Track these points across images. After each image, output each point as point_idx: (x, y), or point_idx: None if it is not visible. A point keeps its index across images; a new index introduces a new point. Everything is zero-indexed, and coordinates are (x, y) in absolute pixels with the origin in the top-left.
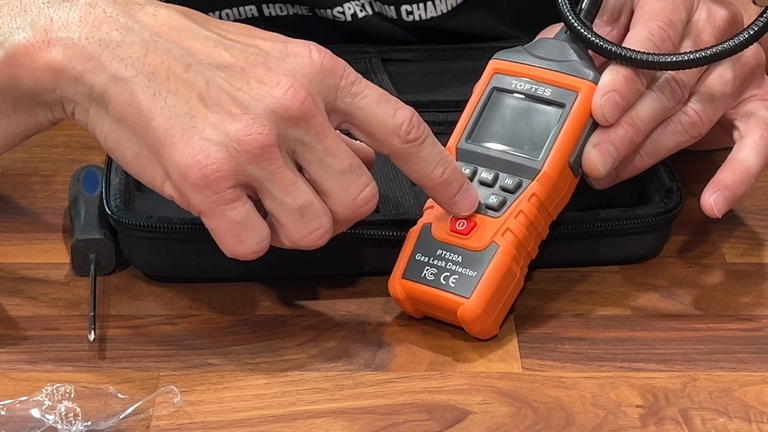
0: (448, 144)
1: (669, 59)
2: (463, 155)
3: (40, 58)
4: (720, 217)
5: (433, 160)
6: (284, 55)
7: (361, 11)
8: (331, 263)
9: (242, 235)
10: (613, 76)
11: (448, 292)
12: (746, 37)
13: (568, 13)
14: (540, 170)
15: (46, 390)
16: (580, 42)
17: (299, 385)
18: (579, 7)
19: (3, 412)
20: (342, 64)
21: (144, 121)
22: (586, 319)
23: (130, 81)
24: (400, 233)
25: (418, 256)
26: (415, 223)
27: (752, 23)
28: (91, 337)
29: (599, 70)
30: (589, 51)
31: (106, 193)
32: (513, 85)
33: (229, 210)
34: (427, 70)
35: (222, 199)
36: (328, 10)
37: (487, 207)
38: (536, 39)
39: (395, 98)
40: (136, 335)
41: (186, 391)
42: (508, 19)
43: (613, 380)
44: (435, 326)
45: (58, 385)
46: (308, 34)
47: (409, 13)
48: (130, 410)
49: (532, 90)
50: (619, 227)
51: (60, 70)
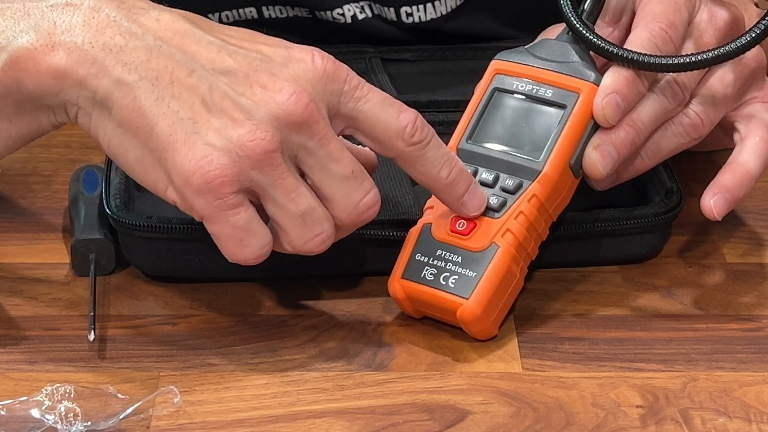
0: (449, 144)
1: (670, 61)
2: (463, 156)
3: (44, 62)
4: (720, 220)
5: (438, 162)
6: (287, 61)
7: (361, 13)
8: (331, 263)
9: (244, 240)
10: (615, 78)
11: (447, 292)
12: (748, 40)
13: (569, 14)
14: (540, 171)
15: (46, 390)
16: (582, 43)
17: (299, 385)
18: (581, 8)
19: (3, 412)
20: (345, 69)
21: (147, 126)
22: (586, 319)
23: (133, 85)
24: (400, 233)
25: (418, 257)
26: (415, 223)
27: (754, 26)
28: (91, 337)
29: (600, 72)
30: (591, 52)
31: (106, 193)
32: (514, 86)
33: (231, 215)
34: (427, 70)
35: (225, 205)
36: (328, 12)
37: (488, 208)
38: (538, 40)
39: (399, 101)
40: (136, 335)
41: (186, 391)
42: (508, 21)
43: (613, 380)
44: (435, 326)
45: (58, 385)
46: (308, 36)
47: (408, 15)
48: (130, 410)
49: (534, 91)
50: (619, 227)
51: (63, 74)
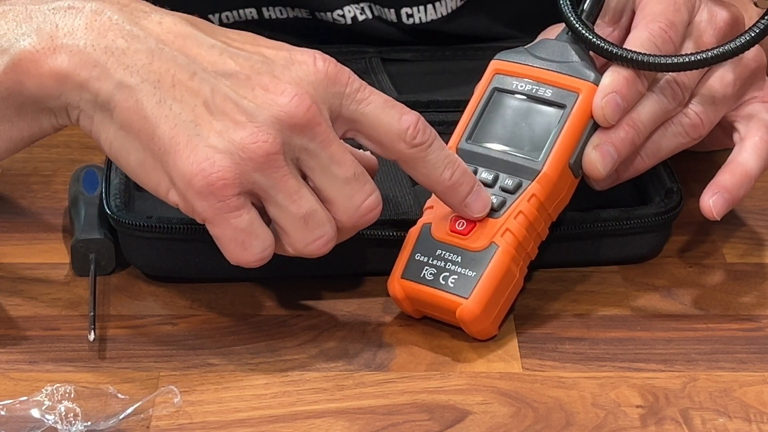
0: (449, 144)
1: (670, 61)
2: (463, 155)
3: (46, 65)
4: (719, 220)
5: (441, 164)
6: (289, 63)
7: (361, 14)
8: (331, 263)
9: (246, 242)
10: (614, 78)
11: (447, 292)
12: (747, 39)
13: (569, 14)
14: (540, 171)
15: (46, 390)
16: (582, 43)
17: (299, 385)
18: (581, 8)
19: (3, 412)
20: (347, 71)
21: (149, 129)
22: (586, 319)
23: (135, 88)
24: (400, 233)
25: (418, 256)
26: (415, 223)
27: (754, 25)
28: (91, 337)
29: (600, 71)
30: (590, 52)
31: (106, 193)
32: (514, 86)
33: (233, 217)
34: (427, 70)
35: (226, 207)
36: (328, 14)
37: None
38: (537, 40)
39: (400, 104)
40: (136, 335)
41: (186, 391)
42: (508, 21)
43: (613, 380)
44: (435, 326)
45: (58, 385)
46: (308, 37)
47: (409, 16)
48: (130, 410)
49: (533, 91)
50: (620, 227)
51: (65, 76)
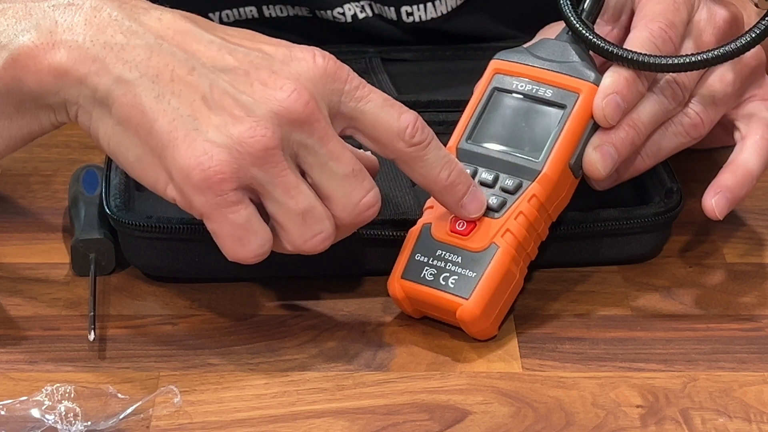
0: (449, 144)
1: (671, 61)
2: (463, 156)
3: (44, 60)
4: (721, 219)
5: (438, 164)
6: (288, 59)
7: (361, 12)
8: (331, 263)
9: (244, 238)
10: (615, 78)
11: (447, 292)
12: (748, 40)
13: (569, 14)
14: (540, 171)
15: (46, 390)
16: (582, 43)
17: (299, 385)
18: (581, 7)
19: (3, 412)
20: (346, 69)
21: (147, 123)
22: (586, 319)
23: (133, 83)
24: (400, 233)
25: (418, 257)
26: (415, 223)
27: (755, 26)
28: (91, 337)
29: (600, 71)
30: (591, 52)
31: (106, 193)
32: (514, 86)
33: (231, 213)
34: (427, 70)
35: (224, 202)
36: (328, 11)
37: (487, 208)
38: (537, 39)
39: (399, 103)
40: (136, 335)
41: (186, 391)
42: (508, 21)
43: (613, 380)
44: (435, 326)
45: (58, 385)
46: (308, 36)
47: (409, 15)
48: (130, 410)
49: (533, 91)
50: (620, 227)
51: (64, 72)
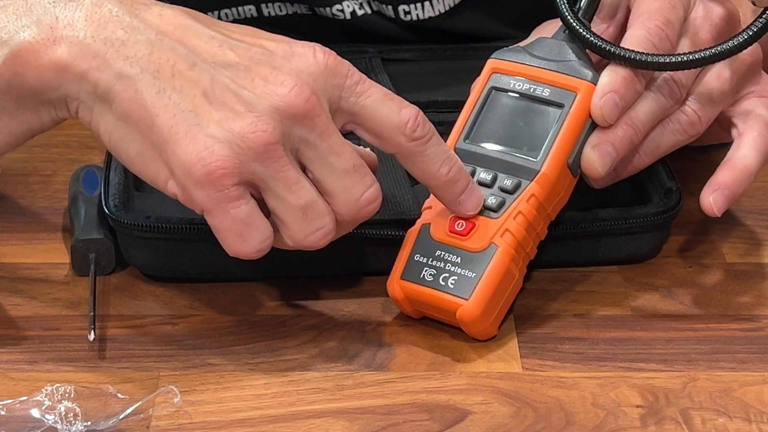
0: (447, 144)
1: (668, 60)
2: (461, 156)
3: (45, 56)
4: (719, 216)
5: (438, 159)
6: (289, 55)
7: (360, 9)
8: (331, 263)
9: (245, 233)
10: (612, 77)
11: (446, 293)
12: (745, 38)
13: (566, 13)
14: (539, 171)
15: (46, 390)
16: (579, 42)
17: (299, 385)
18: (577, 6)
19: (3, 412)
20: (346, 64)
21: (148, 118)
22: (586, 319)
23: (134, 78)
24: (399, 233)
25: (417, 257)
26: (414, 224)
27: (752, 23)
28: (91, 337)
29: (597, 69)
30: (588, 50)
31: (105, 193)
32: (511, 85)
33: (232, 208)
34: (427, 70)
35: (225, 197)
36: (327, 9)
37: (486, 208)
38: (533, 37)
39: (400, 97)
40: (136, 335)
41: (186, 391)
42: (506, 20)
43: (613, 380)
44: (435, 326)
45: (58, 385)
46: (307, 34)
47: (406, 13)
48: (130, 410)
49: (531, 90)
50: (619, 227)
51: (65, 67)
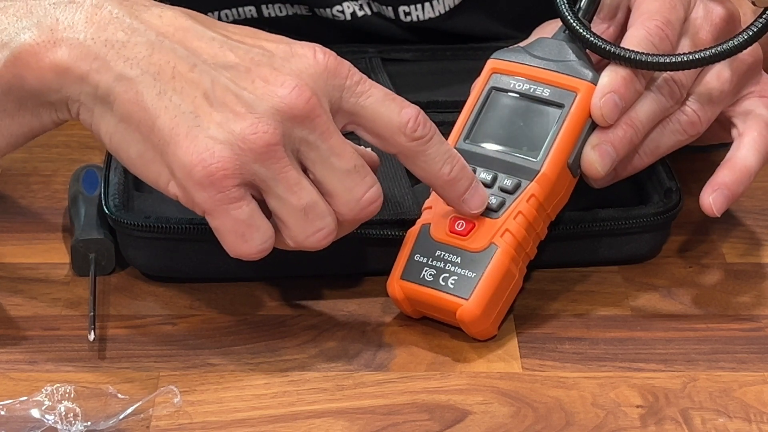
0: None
1: (668, 60)
2: (461, 155)
3: (46, 58)
4: (719, 216)
5: (440, 158)
6: (289, 56)
7: (360, 10)
8: (330, 263)
9: (246, 234)
10: (612, 77)
11: (446, 293)
12: (745, 38)
13: (566, 13)
14: (539, 171)
15: (46, 390)
16: (579, 42)
17: (299, 385)
18: (577, 6)
19: (3, 412)
20: (347, 64)
21: (149, 120)
22: (586, 319)
23: (135, 80)
24: (400, 233)
25: (417, 257)
26: (414, 224)
27: (752, 23)
28: (91, 337)
29: (597, 69)
30: (588, 51)
31: (105, 193)
32: (511, 85)
33: (233, 209)
34: (427, 70)
35: (226, 198)
36: (327, 10)
37: (486, 208)
38: (533, 38)
39: (400, 97)
40: (136, 335)
41: (186, 391)
42: (506, 21)
43: (613, 380)
44: (435, 326)
45: (58, 385)
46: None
47: (407, 14)
48: (130, 410)
49: (531, 90)
50: (619, 227)
51: (65, 69)
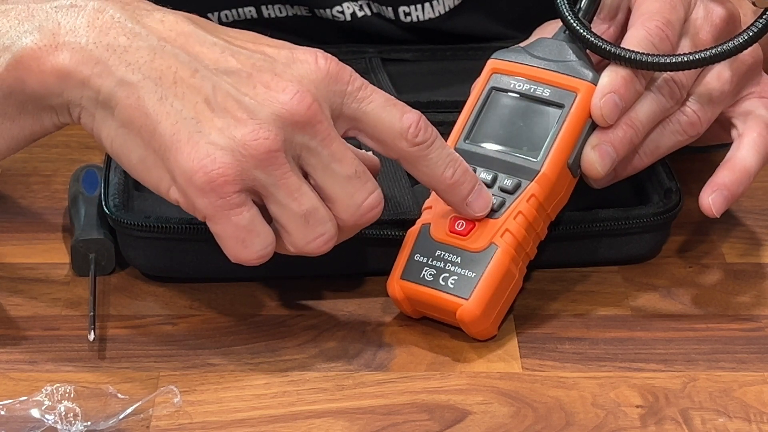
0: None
1: (668, 60)
2: (461, 156)
3: (48, 62)
4: (718, 217)
5: (442, 162)
6: (291, 62)
7: (360, 11)
8: (330, 263)
9: (247, 240)
10: (612, 77)
11: (446, 293)
12: (746, 38)
13: (566, 13)
14: (539, 171)
15: (46, 390)
16: (579, 42)
17: (299, 385)
18: (577, 6)
19: (3, 412)
20: (348, 70)
21: (150, 125)
22: (586, 319)
23: (136, 85)
24: (399, 233)
25: (417, 257)
26: (414, 224)
27: (752, 24)
28: (91, 337)
29: (597, 70)
30: (588, 51)
31: (105, 193)
32: (511, 85)
33: (234, 215)
34: (427, 70)
35: (227, 204)
36: (327, 10)
37: None
38: (534, 38)
39: (402, 102)
40: (136, 335)
41: (186, 391)
42: (507, 21)
43: (613, 380)
44: (435, 326)
45: (58, 385)
46: (307, 35)
47: (407, 15)
48: (130, 410)
49: (531, 90)
50: (619, 227)
51: (67, 74)
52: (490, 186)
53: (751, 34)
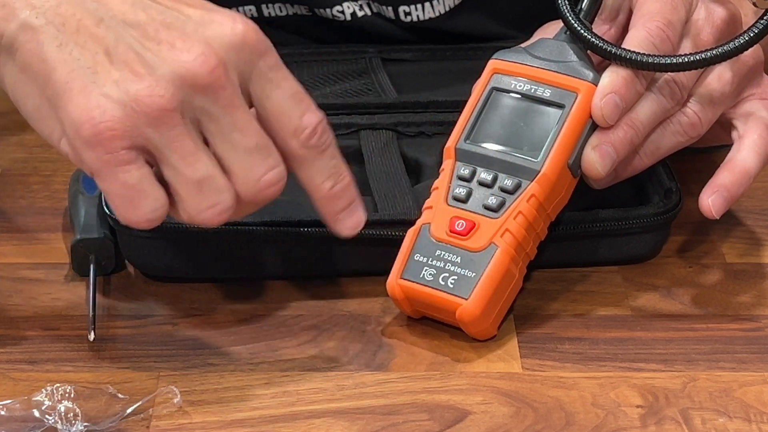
0: (447, 144)
1: (669, 61)
2: (462, 156)
3: None
4: (718, 218)
5: (326, 172)
6: (205, 22)
7: (360, 11)
8: (330, 263)
9: (135, 200)
10: (613, 78)
11: (446, 292)
12: (747, 39)
13: (567, 14)
14: (539, 171)
15: (46, 390)
16: (580, 43)
17: (299, 385)
18: (578, 7)
19: (3, 412)
20: (266, 43)
21: (46, 72)
22: (586, 319)
23: (38, 30)
24: (400, 233)
25: (417, 257)
26: (414, 224)
27: (753, 25)
28: (91, 337)
29: (598, 70)
30: (589, 51)
31: None
32: (512, 86)
33: (122, 172)
34: (427, 70)
35: (115, 160)
36: (328, 10)
37: (486, 208)
38: (535, 38)
39: (309, 100)
40: (136, 335)
41: (186, 391)
42: (507, 21)
43: (613, 380)
44: (435, 326)
45: (58, 385)
46: (307, 34)
47: (407, 14)
48: (130, 410)
49: (532, 90)
50: (619, 227)
51: None
52: (490, 186)
53: (752, 35)
